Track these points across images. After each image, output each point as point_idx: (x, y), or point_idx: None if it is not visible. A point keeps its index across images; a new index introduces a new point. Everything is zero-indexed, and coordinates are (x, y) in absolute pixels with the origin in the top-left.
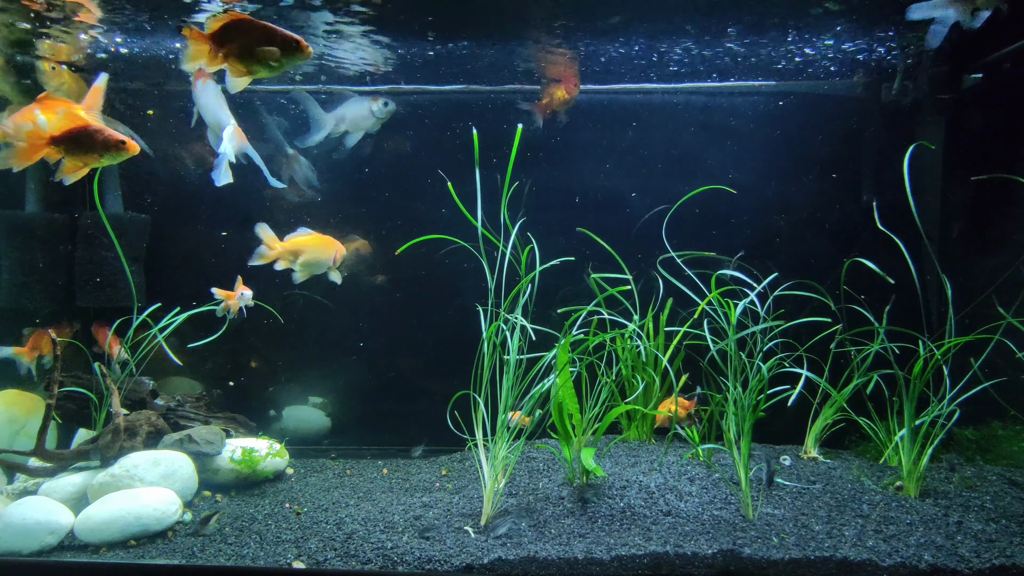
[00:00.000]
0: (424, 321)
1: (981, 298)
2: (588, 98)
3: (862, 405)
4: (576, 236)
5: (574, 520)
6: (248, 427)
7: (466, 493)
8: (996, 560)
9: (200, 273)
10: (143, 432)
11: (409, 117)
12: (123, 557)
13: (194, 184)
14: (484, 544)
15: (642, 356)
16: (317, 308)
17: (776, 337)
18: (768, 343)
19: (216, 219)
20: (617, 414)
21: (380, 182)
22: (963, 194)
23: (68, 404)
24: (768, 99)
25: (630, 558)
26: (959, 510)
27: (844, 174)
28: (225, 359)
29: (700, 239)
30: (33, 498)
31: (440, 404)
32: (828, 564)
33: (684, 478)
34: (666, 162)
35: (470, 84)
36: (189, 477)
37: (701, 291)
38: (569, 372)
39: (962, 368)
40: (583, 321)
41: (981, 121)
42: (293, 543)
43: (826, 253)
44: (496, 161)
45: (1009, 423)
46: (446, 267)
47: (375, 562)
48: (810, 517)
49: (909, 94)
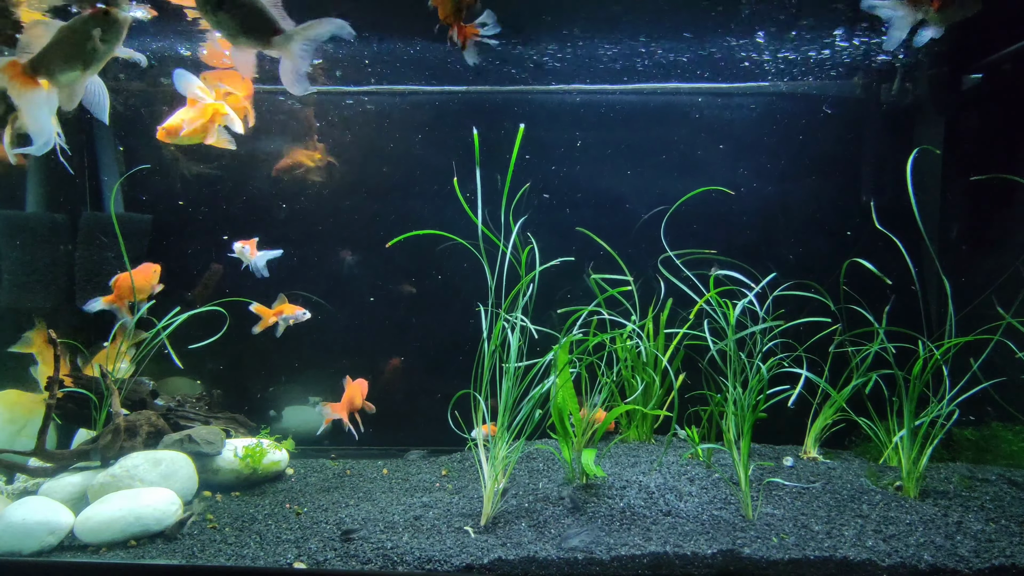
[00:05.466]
0: (424, 321)
1: (981, 298)
2: (589, 98)
3: (862, 405)
4: (576, 236)
5: (574, 520)
6: (248, 427)
7: (466, 493)
8: (996, 560)
9: (200, 273)
10: (143, 432)
11: (410, 117)
12: (123, 557)
13: (194, 184)
14: (484, 544)
15: (642, 356)
16: (318, 308)
17: (776, 337)
18: (768, 343)
19: (216, 219)
20: (617, 414)
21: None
22: (963, 194)
23: (68, 404)
24: (768, 99)
25: (630, 558)
26: (959, 510)
27: (844, 174)
28: (225, 359)
29: (700, 239)
30: (33, 498)
31: (440, 404)
32: (828, 564)
33: (684, 478)
34: (666, 162)
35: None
36: (189, 477)
37: (701, 292)
38: (569, 372)
39: (962, 368)
40: (583, 321)
41: (981, 121)
42: (293, 543)
43: (826, 253)
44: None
45: (1008, 423)
46: (447, 267)
47: (375, 562)
48: (810, 517)
49: (909, 94)
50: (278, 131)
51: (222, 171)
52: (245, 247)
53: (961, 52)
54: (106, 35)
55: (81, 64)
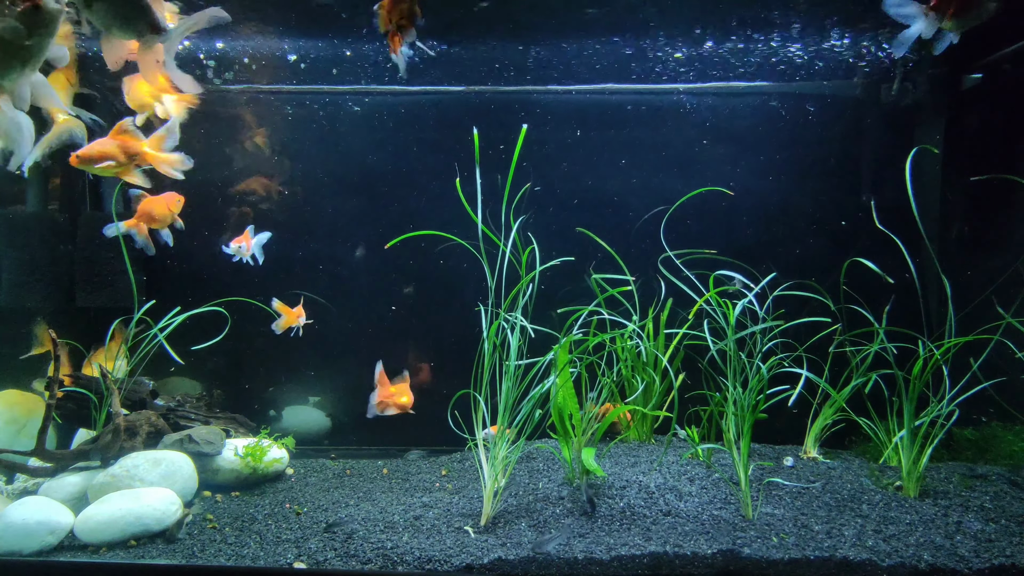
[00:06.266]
0: (425, 321)
1: (981, 298)
2: (587, 98)
3: (862, 405)
4: (575, 236)
5: (574, 520)
6: (248, 427)
7: (466, 493)
8: (996, 560)
9: (199, 273)
10: (143, 432)
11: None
12: (123, 557)
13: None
14: (484, 544)
15: (642, 356)
16: (317, 309)
17: (776, 337)
18: (768, 343)
19: (216, 220)
20: (617, 414)
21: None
22: (963, 194)
23: (68, 404)
24: (768, 99)
25: (630, 558)
26: (959, 510)
27: (844, 174)
28: (226, 358)
29: (700, 239)
30: (33, 498)
31: (440, 404)
32: (828, 564)
33: (684, 478)
34: (666, 162)
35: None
36: (189, 477)
37: (701, 291)
38: (569, 372)
39: (962, 368)
40: (583, 321)
41: (981, 121)
42: (293, 543)
43: (826, 253)
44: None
45: (1008, 423)
46: (447, 268)
47: (375, 562)
48: (810, 517)
49: (909, 94)
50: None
51: (224, 171)
52: (241, 244)
53: (961, 52)
54: (39, 29)
55: (19, 63)
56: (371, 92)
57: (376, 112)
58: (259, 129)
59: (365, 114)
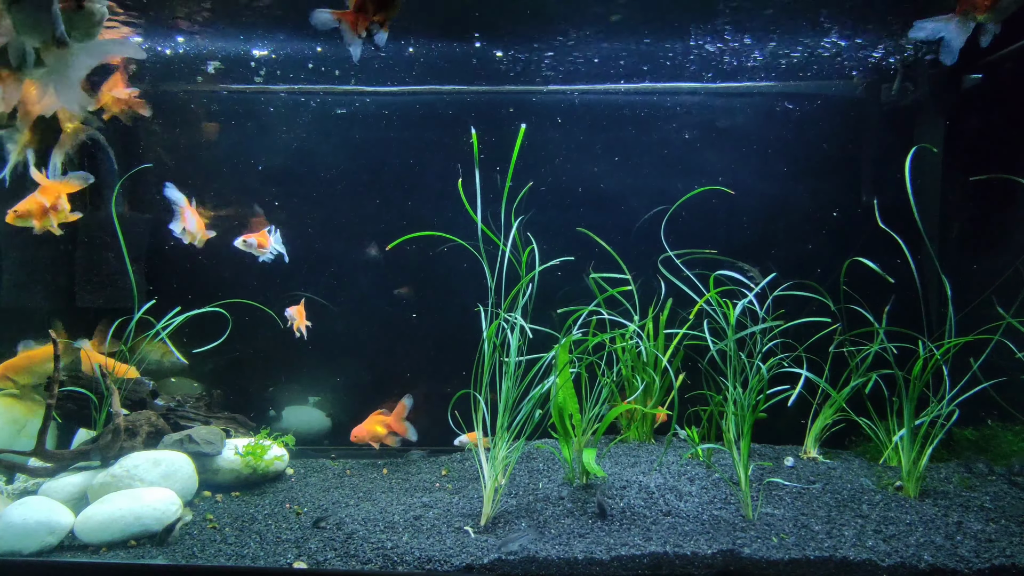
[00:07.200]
0: (425, 321)
1: (981, 298)
2: (586, 99)
3: (862, 405)
4: (575, 235)
5: (574, 520)
6: (248, 427)
7: (466, 493)
8: (996, 560)
9: (199, 272)
10: (143, 432)
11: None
12: (123, 557)
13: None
14: (484, 544)
15: (642, 356)
16: (318, 309)
17: (776, 337)
18: (768, 343)
19: (216, 220)
20: (617, 414)
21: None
22: (963, 194)
23: (68, 404)
24: (768, 99)
25: (630, 558)
26: (959, 510)
27: (844, 174)
28: (226, 359)
29: (700, 239)
30: (33, 498)
31: (440, 404)
32: (828, 564)
33: (684, 478)
34: (666, 162)
35: None
36: (189, 477)
37: (701, 291)
38: (569, 372)
39: (962, 368)
40: (583, 321)
41: (981, 121)
42: (293, 543)
43: (826, 253)
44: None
45: (1008, 423)
46: (447, 268)
47: (375, 562)
48: (810, 517)
49: (909, 94)
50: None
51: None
52: (250, 239)
53: (961, 52)
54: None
55: None
56: (371, 92)
57: (376, 112)
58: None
59: (364, 114)
